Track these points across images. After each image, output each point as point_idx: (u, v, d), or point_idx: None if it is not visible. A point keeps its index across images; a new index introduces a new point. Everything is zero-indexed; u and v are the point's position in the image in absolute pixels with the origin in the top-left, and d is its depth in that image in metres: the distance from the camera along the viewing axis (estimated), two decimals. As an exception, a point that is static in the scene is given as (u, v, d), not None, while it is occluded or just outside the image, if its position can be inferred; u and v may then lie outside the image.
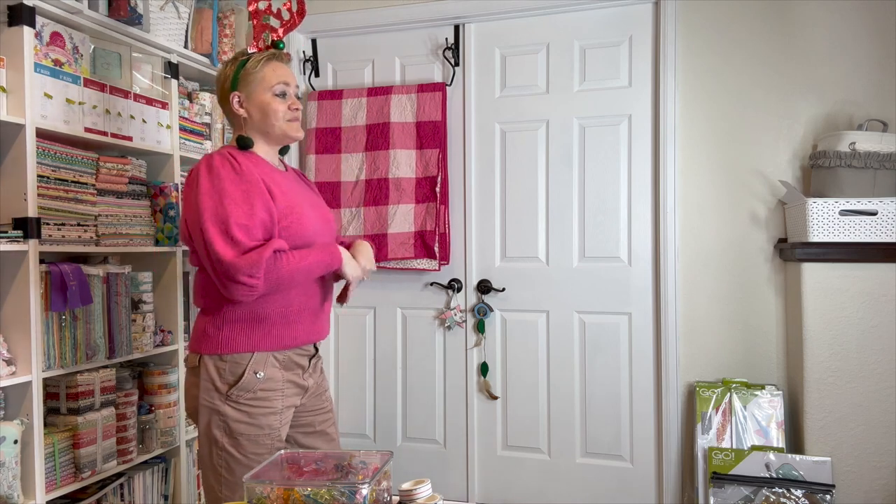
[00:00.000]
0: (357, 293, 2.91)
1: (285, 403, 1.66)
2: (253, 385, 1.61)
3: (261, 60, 1.70)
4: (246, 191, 1.56)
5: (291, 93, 1.72)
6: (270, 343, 1.63)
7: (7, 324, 1.90)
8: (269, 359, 1.63)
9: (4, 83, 1.88)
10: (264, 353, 1.62)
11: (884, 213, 2.18)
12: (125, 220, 2.26)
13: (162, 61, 2.44)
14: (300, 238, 1.63)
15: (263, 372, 1.62)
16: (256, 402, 1.61)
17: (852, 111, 2.39)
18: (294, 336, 1.66)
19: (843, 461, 2.23)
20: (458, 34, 2.82)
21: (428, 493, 1.27)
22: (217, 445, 1.62)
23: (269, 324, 1.63)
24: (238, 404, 1.60)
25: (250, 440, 1.61)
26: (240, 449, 1.61)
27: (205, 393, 1.62)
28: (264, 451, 1.62)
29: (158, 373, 2.38)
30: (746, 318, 2.50)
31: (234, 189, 1.55)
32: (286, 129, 1.70)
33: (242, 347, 1.61)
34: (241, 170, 1.59)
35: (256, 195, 1.57)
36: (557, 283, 2.71)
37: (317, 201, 1.81)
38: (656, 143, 2.59)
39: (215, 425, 1.61)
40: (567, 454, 2.71)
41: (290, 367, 1.67)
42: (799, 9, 2.43)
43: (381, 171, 2.80)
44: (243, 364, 1.60)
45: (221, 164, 1.59)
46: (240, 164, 1.60)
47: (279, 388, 1.65)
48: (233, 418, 1.60)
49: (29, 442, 1.87)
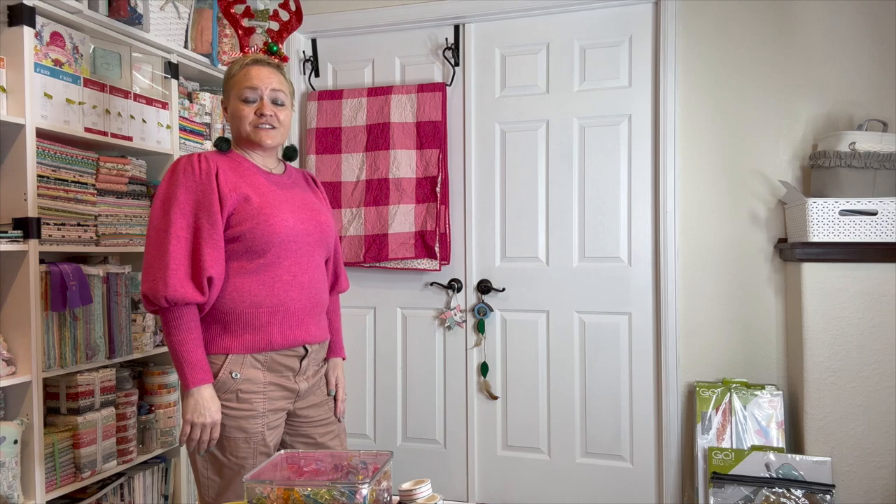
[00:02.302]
0: (357, 293, 2.92)
1: (269, 407, 1.62)
2: (229, 385, 1.58)
3: (240, 66, 1.68)
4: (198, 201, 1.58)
5: (265, 97, 1.66)
6: (241, 346, 1.60)
7: (7, 324, 1.90)
8: (248, 359, 1.60)
9: (4, 83, 1.88)
10: (240, 354, 1.60)
11: (884, 213, 2.18)
12: (125, 220, 2.26)
13: (162, 61, 2.44)
14: (263, 240, 1.60)
15: (240, 373, 1.59)
16: (236, 403, 1.59)
17: (852, 111, 2.39)
18: (268, 340, 1.62)
19: (843, 461, 2.23)
20: (458, 34, 2.82)
21: (428, 493, 1.27)
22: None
23: (238, 327, 1.60)
24: (225, 407, 1.58)
25: (232, 442, 1.59)
26: (223, 451, 1.59)
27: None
28: (246, 455, 1.59)
29: (158, 373, 2.38)
30: (746, 318, 2.50)
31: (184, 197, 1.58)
32: (251, 135, 1.67)
33: (216, 349, 1.59)
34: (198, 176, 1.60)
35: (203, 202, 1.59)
36: (557, 283, 2.72)
37: (312, 205, 1.76)
38: (656, 143, 2.59)
39: None
40: (567, 454, 2.71)
41: (274, 368, 1.63)
42: (799, 8, 2.43)
43: (382, 171, 2.80)
44: (218, 364, 1.59)
45: (183, 169, 1.60)
46: (200, 168, 1.60)
47: (260, 390, 1.61)
48: None
49: (29, 442, 1.87)
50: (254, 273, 1.61)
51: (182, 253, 1.55)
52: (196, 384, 1.54)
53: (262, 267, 1.61)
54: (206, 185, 1.58)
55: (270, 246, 1.61)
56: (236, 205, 1.59)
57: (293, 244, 1.65)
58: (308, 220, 1.70)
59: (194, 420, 1.54)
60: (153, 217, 1.59)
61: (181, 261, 1.54)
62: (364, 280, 2.93)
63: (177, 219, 1.56)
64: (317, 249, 1.72)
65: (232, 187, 1.60)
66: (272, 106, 1.67)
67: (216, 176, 1.59)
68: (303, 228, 1.67)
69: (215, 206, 1.57)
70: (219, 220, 1.57)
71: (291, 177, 1.78)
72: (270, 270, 1.62)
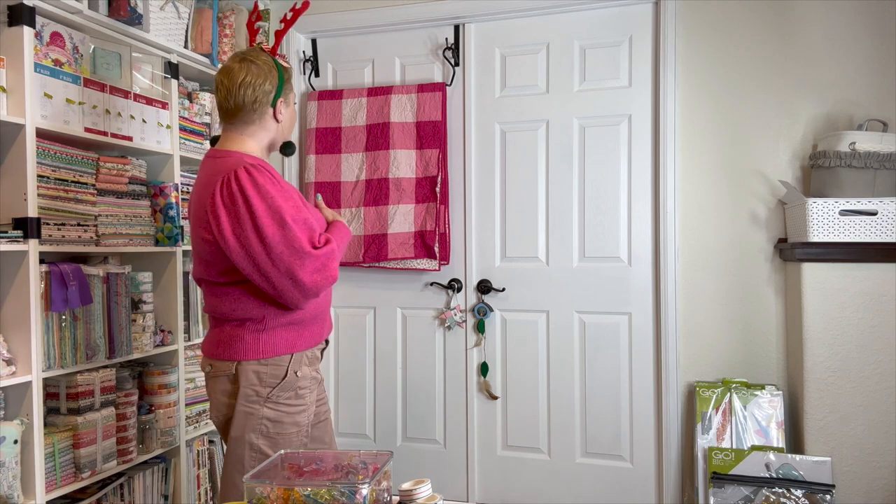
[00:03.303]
0: (357, 293, 2.92)
1: (312, 398, 1.73)
2: (293, 384, 1.66)
3: (291, 72, 1.78)
4: (293, 197, 1.63)
5: None
6: (306, 342, 1.69)
7: (7, 324, 1.90)
8: (304, 356, 1.69)
9: (4, 83, 1.88)
10: (300, 352, 1.68)
11: (884, 213, 2.18)
12: (125, 220, 2.26)
13: (162, 61, 2.44)
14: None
15: (300, 371, 1.67)
16: (294, 400, 1.67)
17: (852, 111, 2.39)
18: (321, 332, 1.74)
19: (843, 461, 2.23)
20: (458, 34, 2.82)
21: (428, 493, 1.27)
22: (253, 448, 1.64)
23: (306, 324, 1.69)
24: (277, 405, 1.64)
25: (286, 438, 1.66)
26: (275, 447, 1.63)
27: (243, 399, 1.63)
28: (298, 447, 1.67)
29: (158, 373, 2.38)
30: (746, 318, 2.50)
31: (285, 203, 1.57)
32: (288, 138, 1.82)
33: (282, 350, 1.65)
34: (278, 181, 1.62)
35: (298, 198, 1.66)
36: (557, 283, 2.72)
37: None
38: (656, 143, 2.59)
39: (252, 429, 1.63)
40: (567, 454, 2.71)
41: (314, 362, 1.74)
42: (799, 8, 2.43)
43: (382, 171, 2.80)
44: (284, 365, 1.65)
45: (264, 182, 1.57)
46: (273, 175, 1.62)
47: (308, 384, 1.71)
48: (272, 419, 1.64)
49: (29, 442, 1.87)
50: None
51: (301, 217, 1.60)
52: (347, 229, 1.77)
53: None
54: (291, 189, 1.65)
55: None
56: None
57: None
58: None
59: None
60: (262, 225, 1.53)
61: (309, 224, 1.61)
62: (364, 280, 2.93)
63: (283, 204, 1.56)
64: None
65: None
66: None
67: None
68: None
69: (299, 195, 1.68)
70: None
71: None
72: None
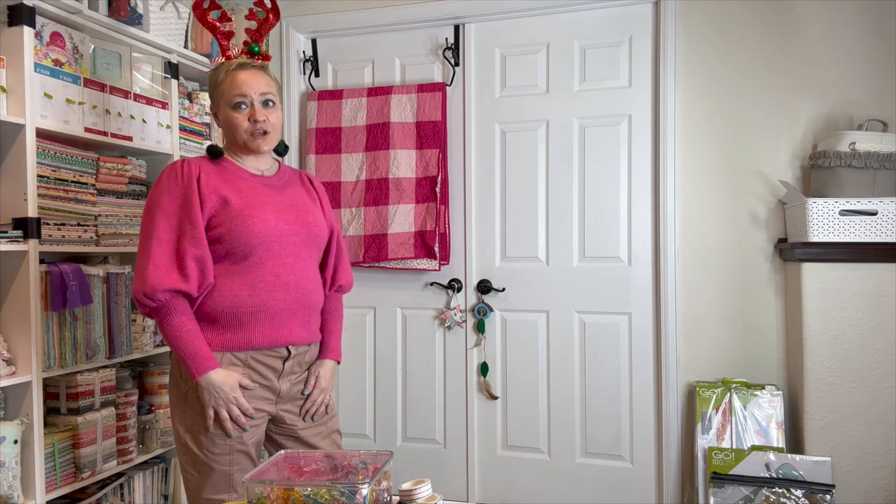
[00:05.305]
0: (357, 293, 2.92)
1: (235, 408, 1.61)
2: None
3: (225, 72, 1.69)
4: (180, 205, 1.61)
5: (255, 101, 1.67)
6: (222, 344, 1.61)
7: (7, 324, 1.90)
8: (227, 357, 1.62)
9: (4, 83, 1.88)
10: (220, 351, 1.61)
11: (884, 213, 2.18)
12: (125, 220, 2.26)
13: (162, 61, 2.44)
14: (242, 241, 1.61)
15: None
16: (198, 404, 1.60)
17: (852, 111, 2.38)
18: (248, 340, 1.62)
19: (843, 461, 2.23)
20: (458, 34, 2.82)
21: (428, 493, 1.27)
22: (181, 441, 1.64)
23: (219, 325, 1.62)
24: (196, 401, 1.60)
25: (208, 438, 1.60)
26: (200, 447, 1.60)
27: (172, 389, 1.67)
28: (222, 451, 1.60)
29: (158, 373, 2.39)
30: (746, 318, 2.50)
31: (167, 202, 1.60)
32: (248, 142, 1.68)
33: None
34: (180, 181, 1.62)
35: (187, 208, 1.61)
36: (557, 283, 2.71)
37: (301, 205, 1.75)
38: (656, 143, 2.59)
39: (178, 421, 1.64)
40: (567, 454, 2.71)
41: (254, 367, 1.64)
42: (799, 8, 2.43)
43: (382, 171, 2.80)
44: None
45: (167, 175, 1.64)
46: (182, 173, 1.63)
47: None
48: (190, 415, 1.61)
49: (29, 442, 1.87)
50: (238, 274, 1.63)
51: (163, 253, 1.57)
52: (201, 373, 1.56)
53: (246, 268, 1.63)
54: (188, 188, 1.61)
55: (251, 247, 1.62)
56: (216, 207, 1.62)
57: (276, 245, 1.65)
58: (294, 220, 1.70)
59: (215, 405, 1.57)
60: (142, 224, 1.64)
61: (161, 259, 1.57)
62: (364, 280, 2.93)
63: (160, 223, 1.59)
64: (304, 249, 1.71)
65: (212, 190, 1.62)
66: (263, 110, 1.68)
67: (197, 179, 1.62)
68: (287, 228, 1.67)
69: (196, 207, 1.60)
70: (199, 221, 1.60)
71: (284, 177, 1.78)
72: (253, 271, 1.63)
